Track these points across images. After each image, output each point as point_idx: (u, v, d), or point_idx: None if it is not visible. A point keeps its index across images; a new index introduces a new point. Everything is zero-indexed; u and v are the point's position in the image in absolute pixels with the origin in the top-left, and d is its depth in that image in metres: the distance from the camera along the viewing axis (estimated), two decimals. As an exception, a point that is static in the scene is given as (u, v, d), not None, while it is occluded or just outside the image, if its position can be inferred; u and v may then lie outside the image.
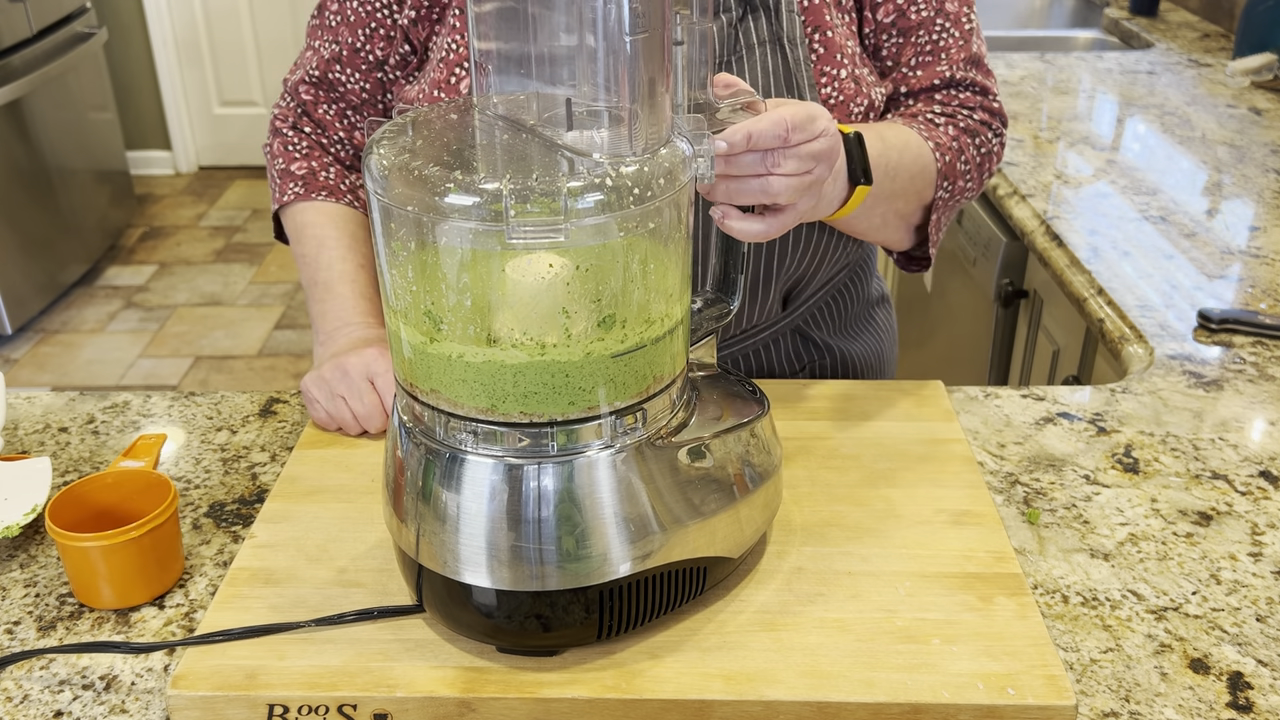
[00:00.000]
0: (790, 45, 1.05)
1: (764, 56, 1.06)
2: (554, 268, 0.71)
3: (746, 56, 1.06)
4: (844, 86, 1.07)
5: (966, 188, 1.14)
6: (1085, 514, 1.00)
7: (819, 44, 1.06)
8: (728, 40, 1.05)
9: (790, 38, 1.05)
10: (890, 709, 0.76)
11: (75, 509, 0.90)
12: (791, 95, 1.05)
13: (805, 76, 1.06)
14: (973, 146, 1.13)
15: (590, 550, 0.76)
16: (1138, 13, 2.74)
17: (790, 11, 1.05)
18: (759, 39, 1.05)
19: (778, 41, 1.05)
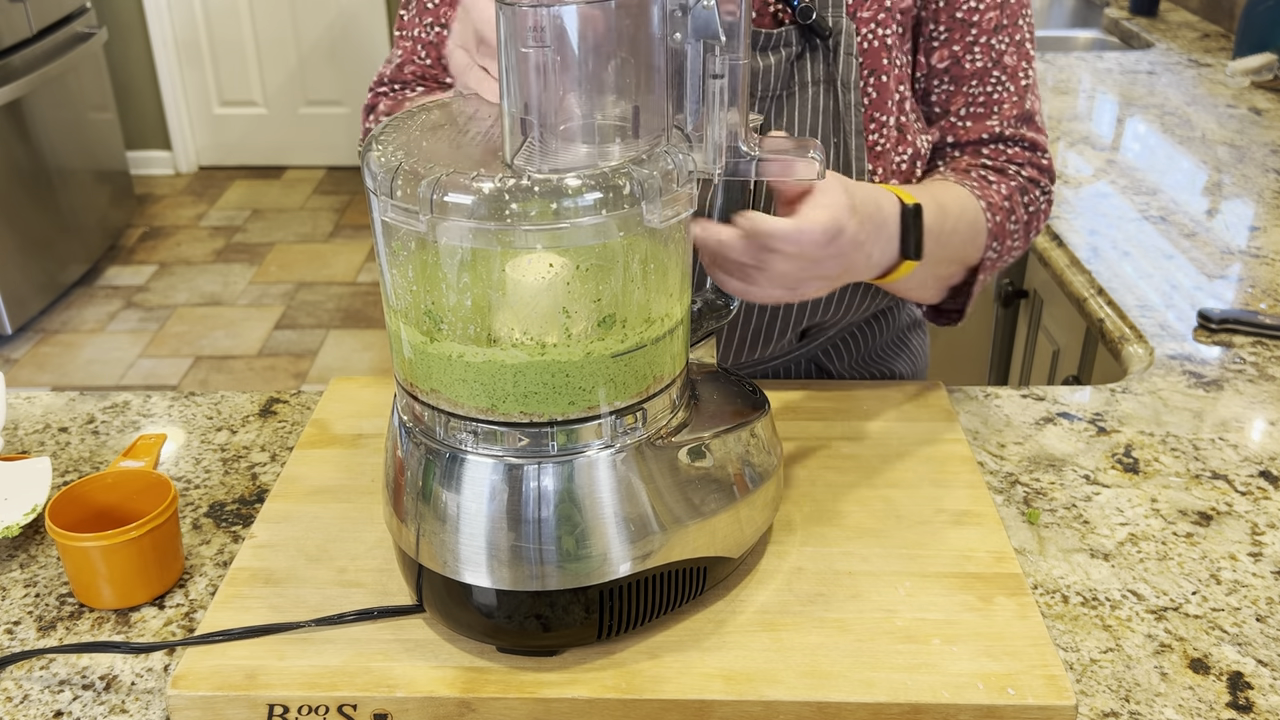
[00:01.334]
0: (843, 89, 1.03)
1: (815, 96, 1.04)
2: (554, 267, 0.71)
3: (799, 93, 1.04)
4: (890, 134, 1.05)
5: (1014, 247, 1.10)
6: (1085, 514, 1.00)
7: (873, 88, 1.04)
8: (783, 74, 1.03)
9: (845, 81, 1.03)
10: (890, 709, 0.77)
11: (75, 509, 0.90)
12: (837, 137, 1.04)
13: (854, 121, 1.03)
14: (1023, 206, 1.09)
15: (590, 550, 0.76)
16: (1138, 13, 2.74)
17: (849, 54, 1.02)
18: (813, 78, 1.03)
19: (831, 83, 1.03)
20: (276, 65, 4.74)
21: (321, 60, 4.73)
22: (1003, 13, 1.05)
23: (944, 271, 1.05)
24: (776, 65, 1.02)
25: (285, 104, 4.82)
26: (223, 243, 4.27)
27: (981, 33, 1.05)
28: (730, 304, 0.90)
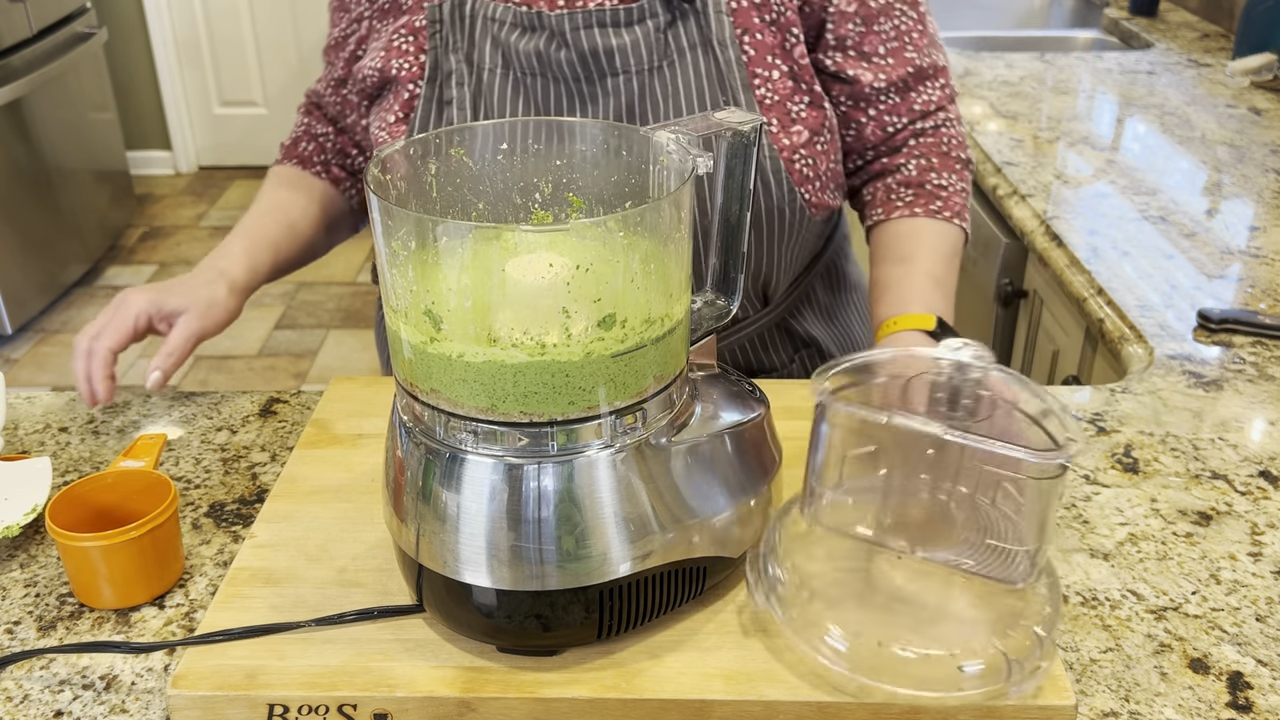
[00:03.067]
0: (720, 47, 1.06)
1: (695, 61, 1.07)
2: (554, 267, 0.71)
3: (679, 61, 1.07)
4: (778, 86, 1.09)
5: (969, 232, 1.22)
6: (1085, 514, 1.00)
7: (749, 46, 1.08)
8: (656, 46, 1.06)
9: (720, 40, 1.07)
10: (890, 709, 0.77)
11: (75, 509, 0.90)
12: (724, 96, 1.07)
13: (738, 78, 1.07)
14: (965, 167, 1.20)
15: (590, 550, 0.76)
16: (1137, 13, 2.74)
17: (719, 13, 1.06)
18: (689, 43, 1.07)
19: (708, 45, 1.07)
20: (276, 65, 4.74)
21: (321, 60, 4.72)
22: None
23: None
24: (646, 38, 1.06)
25: (285, 104, 4.81)
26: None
27: None
28: (730, 304, 0.90)
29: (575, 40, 1.06)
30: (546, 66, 1.08)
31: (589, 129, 0.85)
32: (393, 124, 1.13)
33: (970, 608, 0.81)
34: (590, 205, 0.85)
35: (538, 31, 1.07)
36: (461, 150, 0.83)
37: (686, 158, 0.78)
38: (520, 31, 1.08)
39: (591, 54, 1.06)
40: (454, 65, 1.09)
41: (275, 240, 1.22)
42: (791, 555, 0.83)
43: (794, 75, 1.10)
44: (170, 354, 1.09)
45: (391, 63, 1.13)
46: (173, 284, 1.14)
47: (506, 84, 1.09)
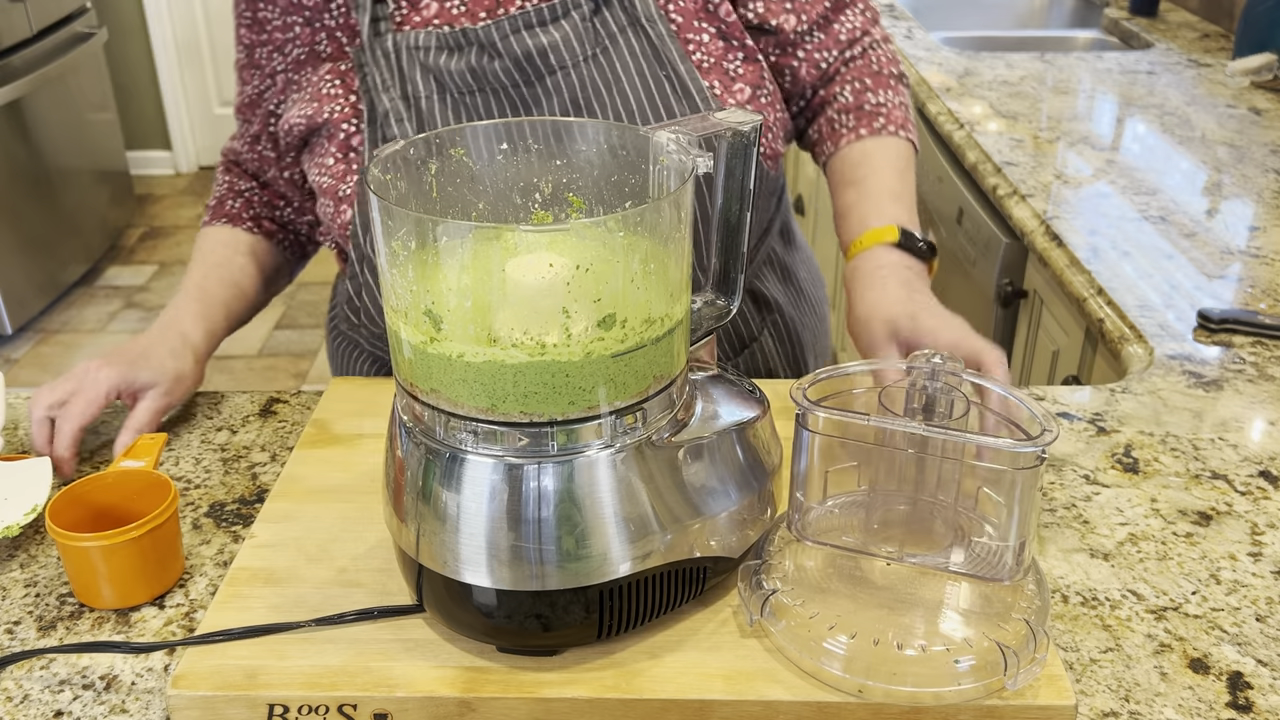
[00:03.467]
0: (649, 23, 1.07)
1: (628, 42, 1.08)
2: (554, 267, 0.71)
3: (612, 47, 1.07)
4: (711, 49, 1.10)
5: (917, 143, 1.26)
6: (1085, 514, 1.00)
7: (675, 14, 1.09)
8: (586, 36, 1.07)
9: (647, 16, 1.08)
10: (890, 708, 0.77)
11: (75, 509, 0.90)
12: (665, 70, 1.08)
13: (674, 50, 1.08)
14: (908, 97, 1.24)
15: (590, 550, 0.76)
16: (1137, 13, 2.74)
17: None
18: (618, 26, 1.08)
19: (637, 24, 1.08)
20: (276, 65, 4.74)
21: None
22: None
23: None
24: (574, 30, 1.06)
25: (285, 104, 4.81)
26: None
27: None
28: (731, 304, 0.90)
29: (506, 48, 1.06)
30: (483, 80, 1.08)
31: (589, 129, 0.85)
32: (332, 165, 1.12)
33: (962, 603, 0.81)
34: (590, 205, 0.85)
35: (466, 48, 1.07)
36: (461, 150, 0.83)
37: (686, 158, 0.78)
38: (448, 53, 1.08)
39: (525, 57, 1.06)
40: (389, 104, 1.09)
41: (225, 302, 1.21)
42: (782, 566, 0.84)
43: (724, 35, 1.11)
44: (137, 430, 1.08)
45: (323, 109, 1.12)
46: (138, 353, 1.11)
47: (446, 108, 1.09)
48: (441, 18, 1.09)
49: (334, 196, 1.12)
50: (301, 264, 1.37)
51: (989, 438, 0.78)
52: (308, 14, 1.13)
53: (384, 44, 1.09)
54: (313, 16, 1.13)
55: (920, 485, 0.83)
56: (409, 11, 1.10)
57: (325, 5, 1.13)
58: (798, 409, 0.80)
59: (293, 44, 1.15)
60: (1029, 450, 0.75)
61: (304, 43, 1.14)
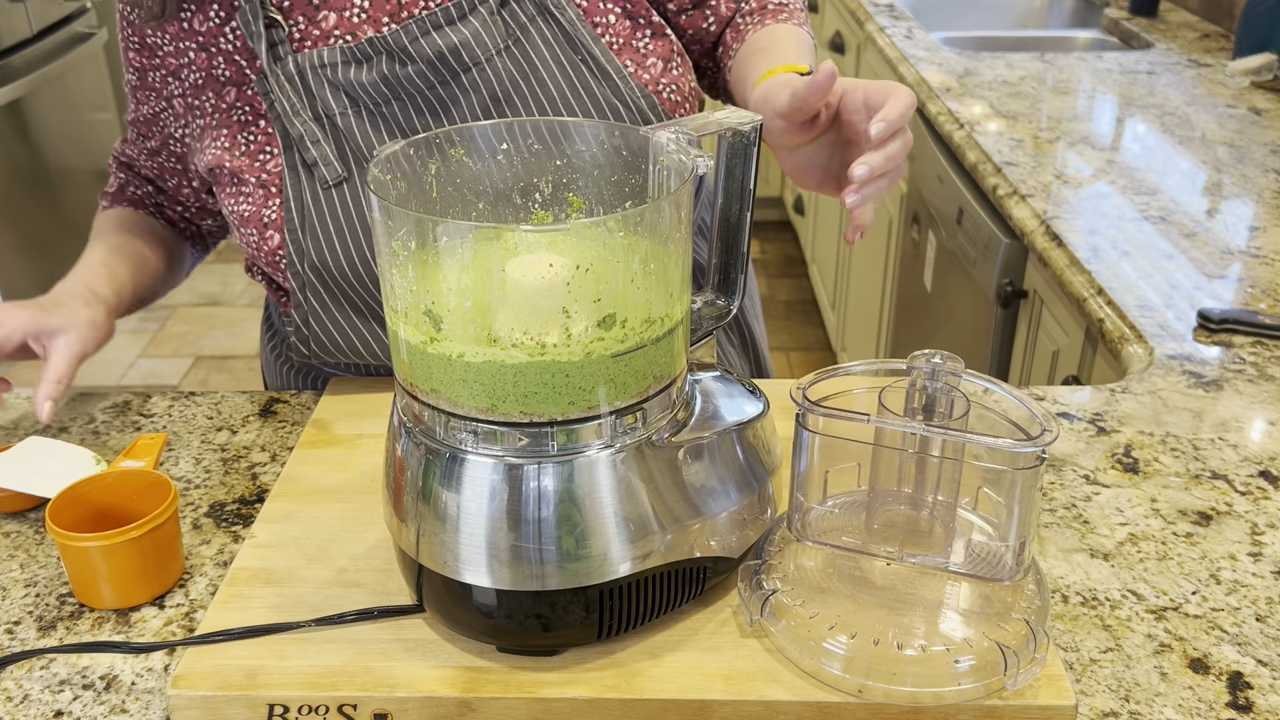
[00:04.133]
0: (558, 9, 1.06)
1: (540, 31, 1.07)
2: (554, 267, 0.71)
3: (524, 37, 1.06)
4: (619, 28, 1.10)
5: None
6: (1085, 514, 1.00)
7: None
8: (496, 30, 1.05)
9: (555, 3, 1.06)
10: (890, 708, 0.77)
11: (75, 509, 0.90)
12: (580, 54, 1.07)
13: (586, 33, 1.07)
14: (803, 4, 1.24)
15: (590, 550, 0.76)
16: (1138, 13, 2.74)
17: None
18: (527, 16, 1.06)
19: (545, 11, 1.06)
20: (276, 65, 4.73)
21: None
22: None
23: None
24: (484, 25, 1.05)
25: (285, 104, 4.81)
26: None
27: None
28: (730, 304, 0.90)
29: (417, 51, 1.03)
30: (397, 88, 1.05)
31: (589, 129, 0.85)
32: (250, 193, 1.09)
33: (962, 603, 0.81)
34: (590, 205, 0.85)
35: (374, 58, 1.04)
36: (461, 150, 0.83)
37: (686, 158, 0.78)
38: (356, 65, 1.05)
39: (437, 58, 1.04)
40: (301, 128, 1.06)
41: (132, 271, 1.19)
42: (782, 566, 0.84)
43: (630, 13, 1.10)
44: (58, 380, 1.06)
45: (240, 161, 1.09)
46: (48, 300, 1.09)
47: (363, 121, 1.06)
48: (342, 28, 1.06)
49: (258, 224, 1.09)
50: (203, 255, 1.35)
51: (989, 437, 0.78)
52: (201, 39, 1.09)
53: (286, 68, 1.06)
54: (207, 42, 1.09)
55: (920, 485, 0.83)
56: (307, 27, 1.06)
57: (219, 30, 1.08)
58: (798, 409, 0.80)
59: (188, 69, 1.11)
60: (1029, 450, 0.75)
61: (200, 67, 1.10)
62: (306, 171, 1.07)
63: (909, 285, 2.42)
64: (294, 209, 1.07)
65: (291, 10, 1.06)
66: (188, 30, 1.09)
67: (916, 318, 2.37)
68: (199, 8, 1.08)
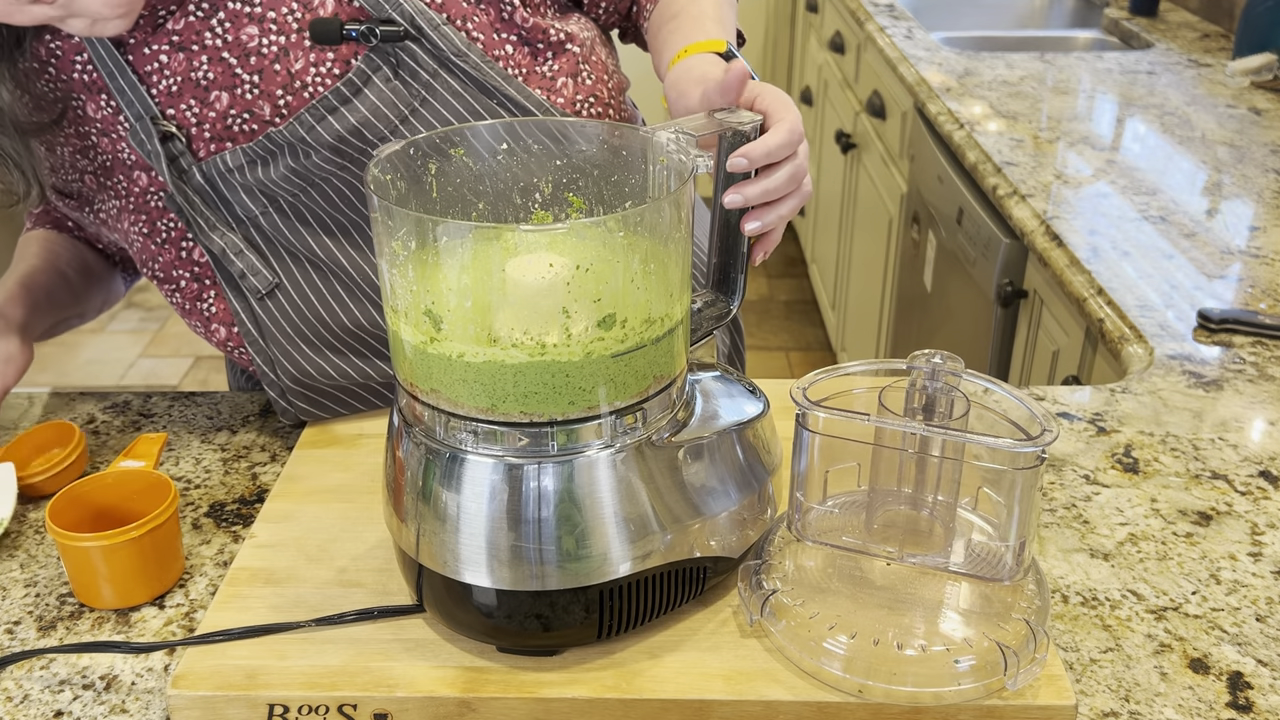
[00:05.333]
0: (460, 58, 0.99)
1: (445, 84, 1.00)
2: (554, 267, 0.71)
3: (430, 95, 0.99)
4: (520, 60, 1.03)
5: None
6: (1085, 514, 1.00)
7: (475, 31, 1.01)
8: (399, 95, 0.98)
9: (455, 51, 0.98)
10: (890, 708, 0.77)
11: (75, 509, 0.90)
12: (495, 99, 1.01)
13: (495, 73, 1.00)
14: None
15: (590, 550, 0.76)
16: (1137, 13, 2.74)
17: (435, 29, 0.98)
18: (429, 72, 0.99)
19: (447, 64, 0.99)
20: (276, 65, 4.73)
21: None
22: None
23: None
24: (381, 94, 0.98)
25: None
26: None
27: None
28: (730, 304, 0.90)
29: (316, 139, 0.98)
30: (308, 178, 1.00)
31: (589, 129, 0.85)
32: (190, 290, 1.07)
33: (962, 603, 0.81)
34: (590, 205, 0.85)
35: (277, 153, 0.99)
36: (461, 150, 0.83)
37: (686, 158, 0.78)
38: (262, 164, 1.00)
39: (340, 141, 0.98)
40: (221, 241, 1.02)
41: (50, 290, 1.15)
42: (782, 566, 0.84)
43: (525, 40, 1.03)
44: None
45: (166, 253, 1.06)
46: None
47: (286, 216, 1.02)
48: (237, 107, 0.99)
49: (200, 318, 1.08)
50: (135, 279, 1.29)
51: (989, 437, 0.78)
52: (99, 125, 1.04)
53: (193, 180, 1.01)
54: (106, 128, 1.03)
55: (920, 485, 0.83)
56: (202, 110, 1.00)
57: (114, 119, 1.03)
58: (798, 409, 0.80)
59: (94, 150, 1.06)
60: (1029, 450, 0.75)
61: (105, 150, 1.05)
62: (242, 281, 1.03)
63: (909, 285, 2.42)
64: (247, 323, 1.04)
65: (181, 94, 0.99)
66: (83, 116, 1.04)
67: (916, 318, 2.37)
68: (89, 96, 1.02)
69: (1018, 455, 0.76)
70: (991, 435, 0.79)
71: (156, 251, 1.07)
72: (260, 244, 1.04)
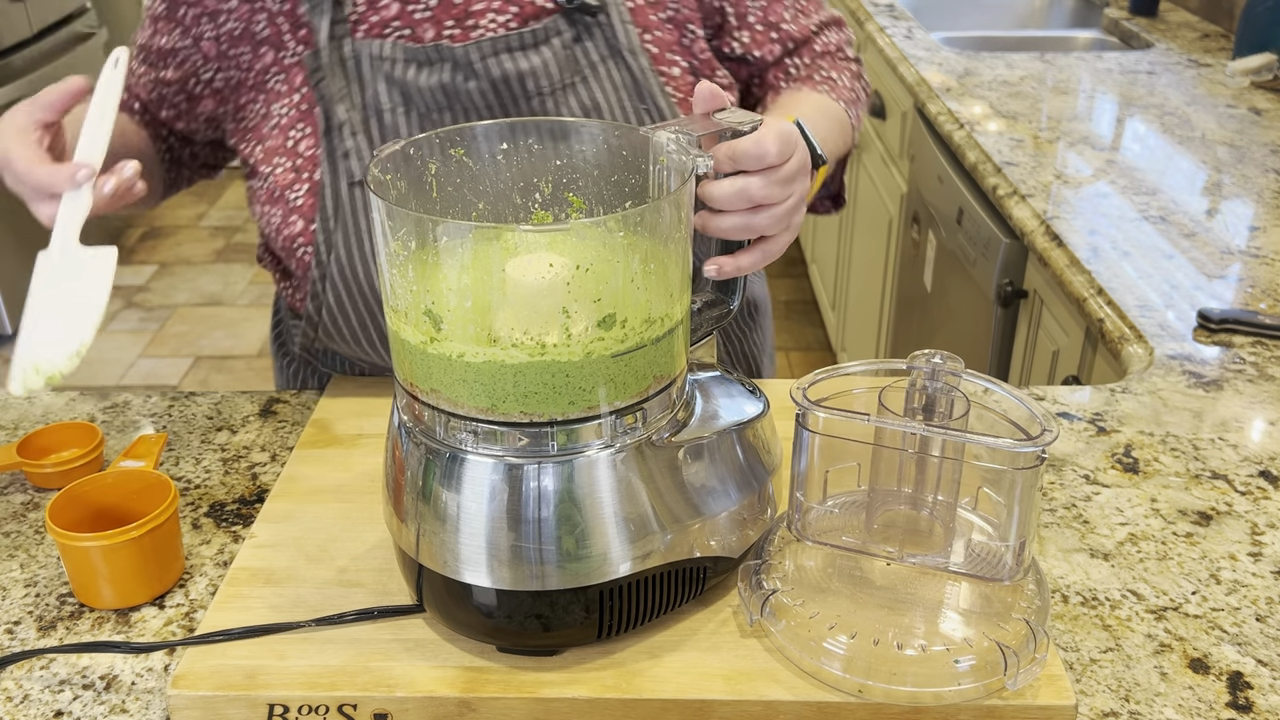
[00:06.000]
0: (631, 56, 1.04)
1: (609, 72, 1.05)
2: (554, 267, 0.71)
3: (590, 75, 1.05)
4: (680, 83, 1.08)
5: (859, 128, 1.21)
6: (1085, 514, 1.00)
7: (651, 44, 1.07)
8: (565, 64, 1.03)
9: (630, 48, 1.04)
10: (890, 708, 0.77)
11: (75, 509, 0.90)
12: (645, 103, 1.05)
13: (653, 83, 1.05)
14: (860, 89, 1.20)
15: (590, 550, 0.76)
16: (1138, 13, 2.74)
17: (625, 23, 1.04)
18: (599, 56, 1.04)
19: (618, 54, 1.05)
20: (276, 65, 4.73)
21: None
22: None
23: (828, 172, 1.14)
24: (555, 57, 1.03)
25: (285, 104, 4.81)
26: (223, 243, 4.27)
27: None
28: (730, 303, 0.90)
29: (485, 69, 1.02)
30: (454, 99, 1.03)
31: (589, 129, 0.85)
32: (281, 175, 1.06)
33: (962, 603, 0.81)
34: (590, 205, 0.85)
35: (439, 65, 1.02)
36: (461, 150, 0.83)
37: (686, 158, 0.78)
38: (418, 67, 1.02)
39: (503, 81, 1.03)
40: (344, 115, 1.03)
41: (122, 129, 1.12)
42: (782, 566, 0.84)
43: (694, 70, 1.09)
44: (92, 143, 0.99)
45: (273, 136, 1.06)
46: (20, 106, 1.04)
47: (411, 122, 1.04)
48: (402, 20, 1.04)
49: (283, 206, 1.06)
50: (172, 189, 1.26)
51: (989, 437, 0.78)
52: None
53: (341, 50, 1.03)
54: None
55: (920, 485, 0.83)
56: (366, 10, 1.04)
57: None
58: (798, 409, 0.80)
59: (226, 15, 1.06)
60: (1029, 450, 0.75)
61: (240, 18, 1.06)
62: (344, 161, 1.04)
63: (909, 285, 2.42)
64: (328, 199, 1.04)
65: None
66: None
67: (916, 318, 2.37)
68: None
69: (1018, 455, 0.76)
70: (991, 435, 0.79)
71: (266, 135, 1.08)
72: (375, 137, 1.04)
